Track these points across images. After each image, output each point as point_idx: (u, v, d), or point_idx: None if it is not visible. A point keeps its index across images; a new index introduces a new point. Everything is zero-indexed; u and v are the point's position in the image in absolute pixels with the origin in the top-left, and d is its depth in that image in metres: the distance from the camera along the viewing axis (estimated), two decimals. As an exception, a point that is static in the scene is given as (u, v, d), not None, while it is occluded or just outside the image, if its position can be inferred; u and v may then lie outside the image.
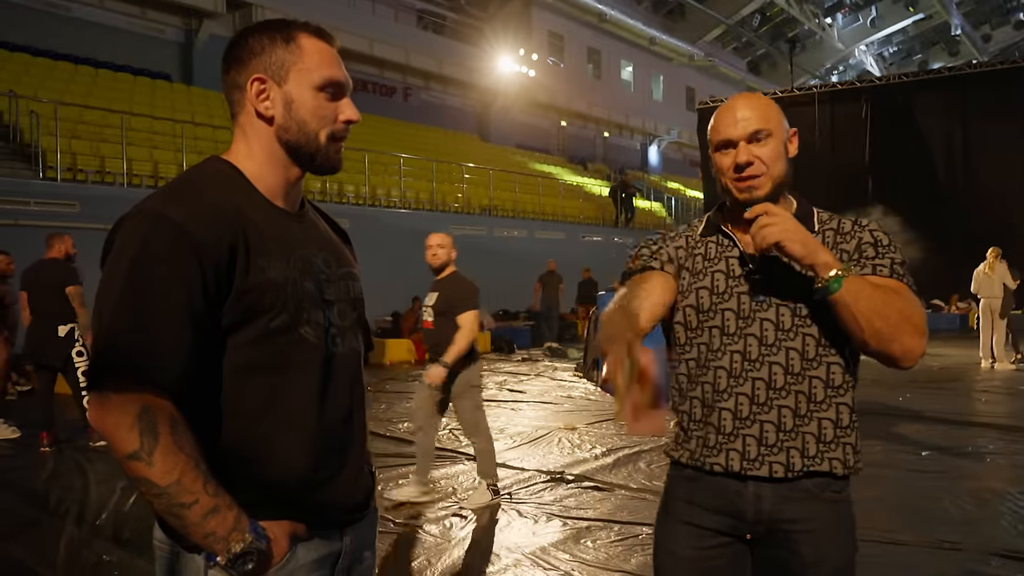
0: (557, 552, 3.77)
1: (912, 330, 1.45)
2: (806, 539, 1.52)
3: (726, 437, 1.55)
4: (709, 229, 1.67)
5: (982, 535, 3.92)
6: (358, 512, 1.38)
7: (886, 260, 1.53)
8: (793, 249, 1.42)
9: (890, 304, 1.44)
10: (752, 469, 1.53)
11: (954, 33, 34.38)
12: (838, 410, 1.54)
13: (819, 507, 1.53)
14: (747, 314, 1.56)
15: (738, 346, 1.55)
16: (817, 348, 1.53)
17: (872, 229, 1.58)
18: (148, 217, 1.18)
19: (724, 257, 1.62)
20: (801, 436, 1.52)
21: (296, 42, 1.31)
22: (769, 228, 1.43)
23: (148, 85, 15.98)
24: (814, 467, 1.52)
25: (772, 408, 1.53)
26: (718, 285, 1.59)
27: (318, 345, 1.29)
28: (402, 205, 15.71)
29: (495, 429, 6.72)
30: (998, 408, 7.72)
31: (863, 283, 1.44)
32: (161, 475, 1.13)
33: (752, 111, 1.54)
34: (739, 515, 1.55)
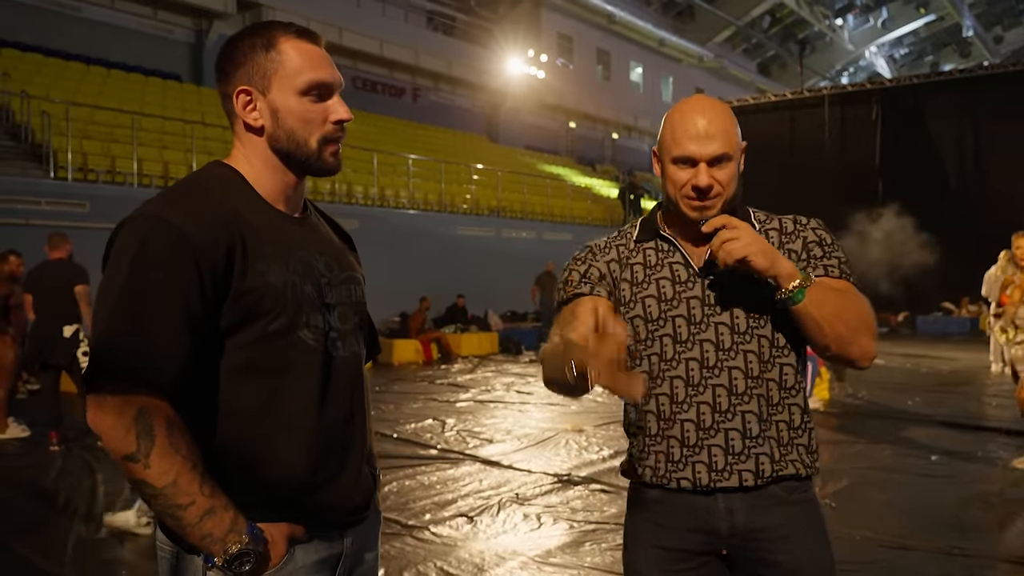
0: (562, 555, 3.76)
1: (868, 331, 1.47)
2: (782, 546, 1.49)
3: (690, 449, 1.50)
4: (646, 234, 1.61)
5: (991, 541, 3.89)
6: (359, 514, 1.37)
7: (833, 260, 1.52)
8: (758, 263, 1.39)
9: (849, 308, 1.45)
10: (721, 480, 1.48)
11: (965, 35, 34.20)
12: (791, 411, 1.52)
13: (790, 511, 1.51)
14: (699, 319, 1.52)
15: (693, 353, 1.51)
16: (771, 350, 1.51)
17: (815, 227, 1.57)
18: (147, 220, 1.19)
19: (667, 263, 1.57)
20: (767, 441, 1.50)
21: (276, 48, 1.30)
22: (733, 243, 1.39)
23: (159, 85, 16.07)
24: (781, 471, 1.50)
25: (736, 414, 1.49)
26: (665, 292, 1.54)
27: (317, 348, 1.29)
28: (411, 206, 15.73)
29: (502, 431, 6.74)
30: (1008, 412, 7.65)
31: (823, 289, 1.43)
32: (157, 477, 1.13)
33: (717, 129, 1.47)
34: (713, 531, 1.51)
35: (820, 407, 7.77)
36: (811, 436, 1.55)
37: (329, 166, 1.34)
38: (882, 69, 36.75)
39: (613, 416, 7.35)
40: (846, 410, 7.71)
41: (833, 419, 7.29)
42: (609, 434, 6.56)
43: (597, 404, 8.14)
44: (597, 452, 5.89)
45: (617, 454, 5.79)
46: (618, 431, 6.65)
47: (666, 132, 1.53)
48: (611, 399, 8.38)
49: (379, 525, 1.48)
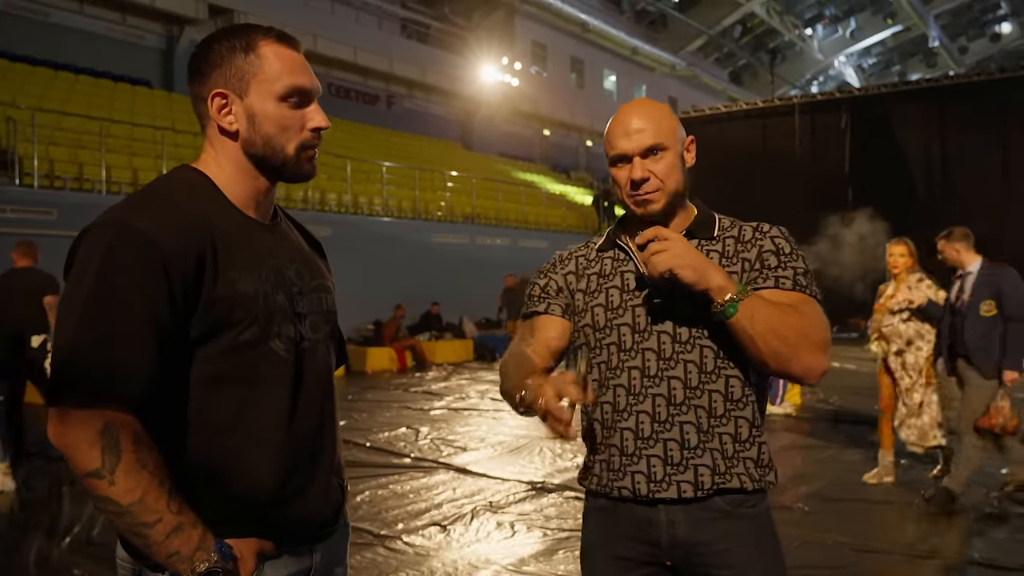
0: (536, 563, 3.75)
1: (811, 347, 1.42)
2: (726, 559, 1.47)
3: (629, 458, 1.50)
4: (607, 244, 1.63)
5: (959, 543, 3.95)
6: (328, 527, 1.35)
7: (788, 271, 1.49)
8: (684, 275, 1.38)
9: (787, 323, 1.40)
10: (659, 491, 1.47)
11: (931, 45, 34.87)
12: (737, 424, 1.49)
13: (735, 525, 1.48)
14: (643, 328, 1.51)
15: (636, 362, 1.51)
16: (716, 360, 1.49)
17: (774, 236, 1.53)
18: (113, 227, 1.15)
19: (619, 272, 1.58)
20: (708, 452, 1.47)
21: (256, 51, 1.27)
22: (660, 256, 1.39)
23: (128, 91, 15.85)
24: (724, 484, 1.47)
25: (674, 425, 1.48)
26: (612, 300, 1.55)
27: (288, 359, 1.26)
28: (384, 213, 15.65)
29: (476, 438, 6.72)
30: (975, 416, 7.78)
31: (759, 303, 1.40)
32: (123, 494, 1.10)
33: (647, 123, 1.49)
34: (654, 543, 1.50)
35: (792, 412, 7.85)
36: (760, 449, 1.52)
37: (306, 172, 1.32)
38: (851, 78, 37.33)
39: (587, 423, 7.36)
40: (817, 415, 7.79)
41: (805, 424, 7.36)
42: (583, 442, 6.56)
43: (572, 411, 8.15)
44: (571, 460, 5.89)
45: (591, 461, 5.79)
46: (592, 438, 6.66)
47: (605, 139, 1.57)
48: (585, 406, 8.40)
49: (348, 538, 1.46)
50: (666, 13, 30.72)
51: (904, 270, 5.16)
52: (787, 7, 31.86)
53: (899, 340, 5.12)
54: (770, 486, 1.52)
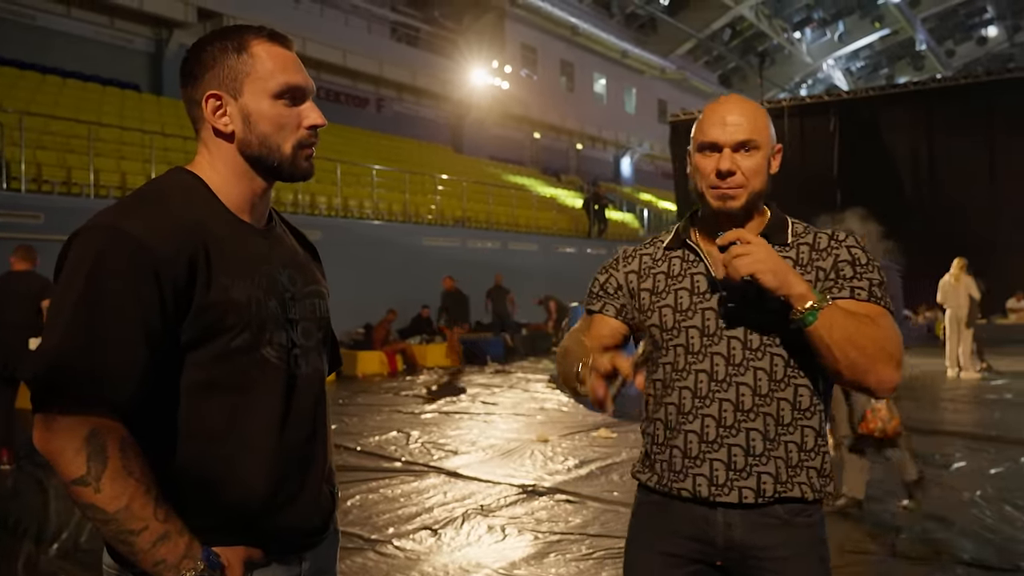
0: (527, 566, 3.74)
1: (887, 359, 1.41)
2: (779, 567, 1.47)
3: (692, 461, 1.50)
4: (676, 243, 1.61)
5: (948, 544, 3.96)
6: (318, 535, 1.34)
7: (864, 282, 1.47)
8: (766, 281, 1.37)
9: (866, 334, 1.39)
10: (721, 495, 1.47)
11: (919, 48, 35.11)
12: (803, 433, 1.49)
13: (792, 533, 1.48)
14: (713, 332, 1.50)
15: (704, 365, 1.50)
16: (786, 369, 1.48)
17: (850, 245, 1.51)
18: (103, 231, 1.14)
19: (689, 274, 1.56)
20: (772, 460, 1.47)
21: (248, 51, 1.26)
22: (741, 259, 1.38)
23: (117, 95, 15.79)
24: (785, 492, 1.47)
25: (740, 431, 1.47)
26: (682, 302, 1.54)
27: (280, 366, 1.25)
28: (375, 216, 15.63)
29: (467, 442, 6.71)
30: (964, 417, 7.84)
31: (838, 313, 1.39)
32: (109, 501, 1.09)
33: (744, 118, 1.48)
34: (709, 542, 1.51)
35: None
36: (824, 459, 1.51)
37: (304, 171, 1.31)
38: (839, 81, 37.54)
39: (578, 427, 7.37)
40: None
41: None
42: (574, 444, 6.56)
43: (563, 415, 8.16)
44: (562, 463, 5.89)
45: (582, 464, 5.79)
46: (583, 441, 6.67)
47: (695, 126, 1.54)
48: (576, 409, 8.39)
49: (337, 545, 1.45)
50: (655, 16, 30.82)
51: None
52: (776, 11, 32.03)
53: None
54: (828, 496, 1.52)
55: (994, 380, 10.26)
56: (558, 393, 9.73)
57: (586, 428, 7.23)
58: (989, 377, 10.56)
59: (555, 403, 8.94)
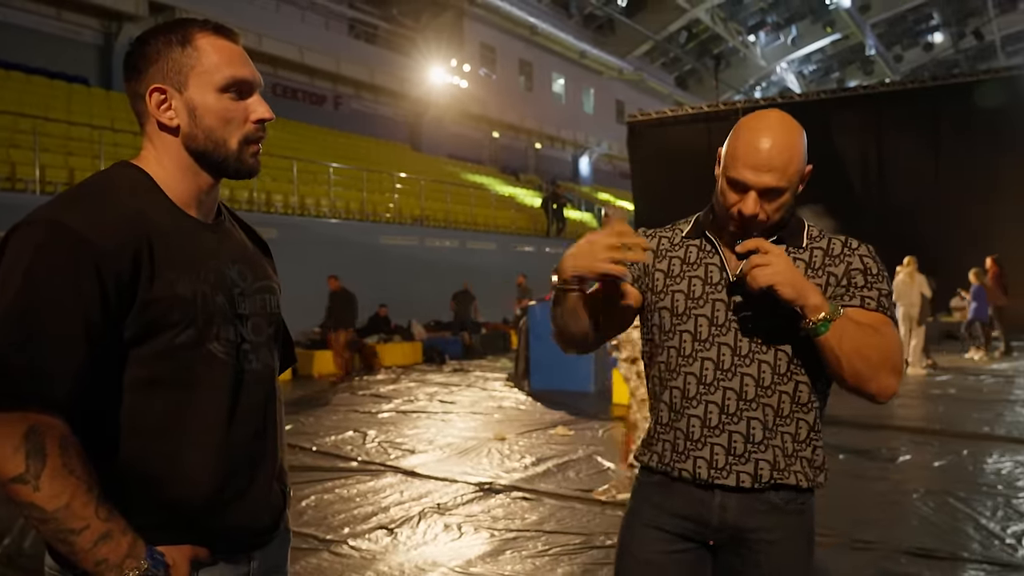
0: (483, 564, 3.75)
1: (890, 370, 1.47)
2: (767, 549, 1.54)
3: (694, 444, 1.55)
4: (695, 232, 1.65)
5: (893, 534, 4.08)
6: (267, 534, 1.33)
7: (874, 292, 1.52)
8: (784, 293, 1.41)
9: (872, 345, 1.45)
10: (719, 477, 1.53)
11: (868, 53, 35.95)
12: (798, 425, 1.55)
13: (782, 519, 1.55)
14: (721, 323, 1.55)
15: (710, 353, 1.55)
16: (789, 365, 1.53)
17: (863, 255, 1.56)
18: (43, 225, 1.11)
19: (704, 263, 1.60)
20: (770, 448, 1.53)
21: (193, 44, 1.24)
22: (762, 270, 1.41)
23: (64, 89, 15.37)
24: (781, 479, 1.53)
25: (741, 419, 1.53)
26: (694, 290, 1.59)
27: (228, 362, 1.24)
28: (332, 215, 15.48)
29: (425, 441, 6.69)
30: (910, 412, 8.06)
31: (849, 325, 1.44)
32: (48, 500, 1.07)
33: (778, 162, 1.46)
34: (703, 522, 1.57)
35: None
36: (816, 451, 1.57)
37: (249, 167, 1.29)
38: (792, 84, 38.26)
39: (535, 424, 7.39)
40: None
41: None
42: (531, 442, 6.59)
43: (520, 413, 8.18)
44: (519, 460, 5.91)
45: (539, 462, 5.82)
46: (540, 439, 6.69)
47: (730, 146, 1.52)
48: (533, 407, 8.42)
49: (288, 544, 1.44)
50: (614, 18, 31.06)
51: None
52: (731, 14, 32.51)
53: (632, 347, 4.77)
54: (820, 487, 1.57)
55: (939, 376, 10.57)
56: (516, 391, 9.75)
57: (543, 426, 7.26)
58: (934, 373, 10.87)
59: (513, 402, 8.96)
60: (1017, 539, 3.95)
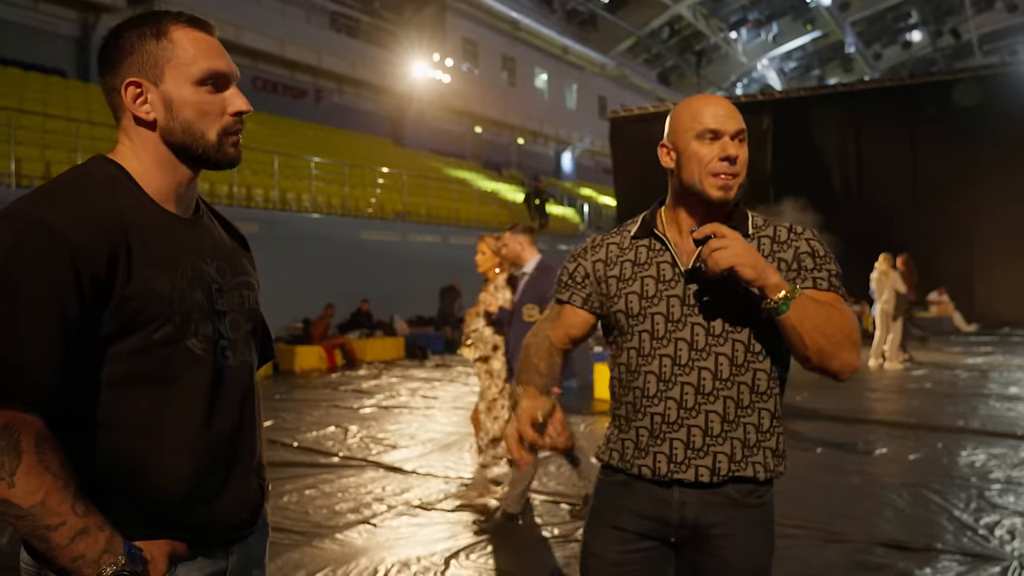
0: (464, 558, 3.76)
1: (851, 346, 1.49)
2: (727, 543, 1.56)
3: (654, 440, 1.57)
4: (642, 232, 1.67)
5: (869, 526, 4.14)
6: (245, 528, 1.33)
7: (823, 272, 1.55)
8: (745, 273, 1.43)
9: (832, 322, 1.47)
10: (678, 472, 1.55)
11: (848, 51, 36.26)
12: (760, 415, 1.57)
13: (740, 513, 1.57)
14: (678, 318, 1.57)
15: (667, 350, 1.56)
16: (746, 354, 1.55)
17: (808, 238, 1.59)
18: (20, 220, 1.10)
19: (655, 262, 1.62)
20: (729, 441, 1.55)
21: (168, 36, 1.24)
22: (722, 252, 1.43)
23: (40, 81, 15.15)
24: (739, 471, 1.54)
25: (701, 412, 1.55)
26: (648, 289, 1.60)
27: (206, 358, 1.24)
28: (313, 210, 15.39)
29: (406, 436, 6.68)
30: (887, 406, 8.17)
31: (808, 303, 1.46)
32: (24, 496, 1.07)
33: (734, 111, 1.57)
34: (664, 520, 1.58)
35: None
36: (779, 440, 1.60)
37: (230, 158, 1.29)
38: (773, 81, 38.51)
39: (518, 419, 7.40)
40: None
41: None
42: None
43: (502, 407, 8.18)
44: (501, 455, 5.92)
45: (521, 456, 5.83)
46: (523, 434, 6.70)
47: (683, 116, 1.58)
48: (516, 402, 8.44)
49: (267, 538, 1.44)
50: (596, 13, 31.10)
51: (491, 270, 4.65)
52: (713, 10, 32.65)
53: (484, 345, 4.62)
54: (779, 475, 1.60)
55: (916, 371, 10.71)
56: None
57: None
58: (911, 368, 11.01)
59: (495, 397, 8.96)
60: (989, 530, 4.03)
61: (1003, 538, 3.91)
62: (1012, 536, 3.93)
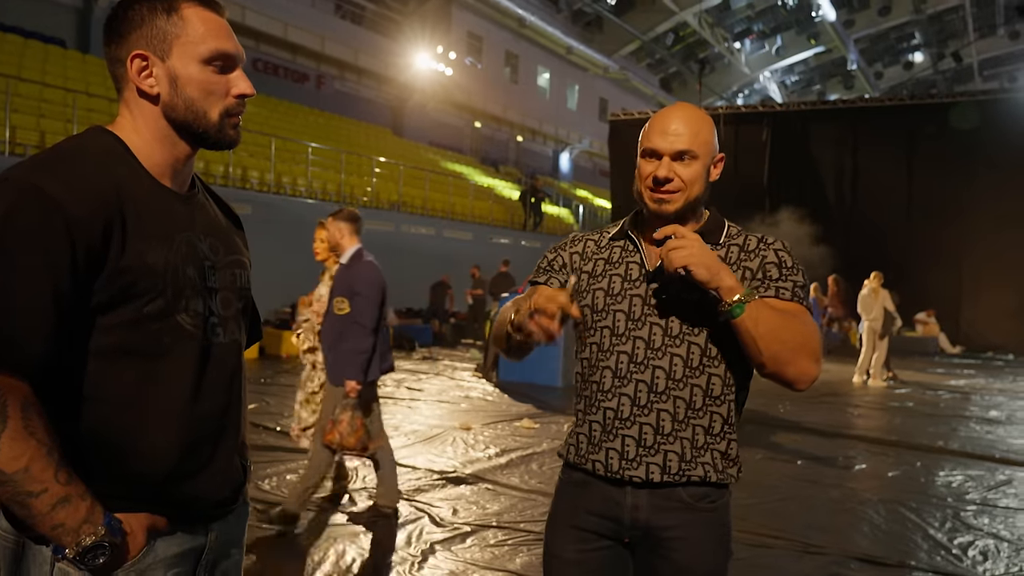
0: (443, 552, 3.77)
1: (808, 354, 1.51)
2: (678, 546, 1.57)
3: (606, 435, 1.59)
4: (619, 234, 1.71)
5: (844, 540, 4.17)
6: (226, 507, 1.33)
7: (788, 283, 1.57)
8: (699, 273, 1.45)
9: (789, 328, 1.49)
10: (630, 469, 1.56)
11: (850, 68, 36.41)
12: (711, 418, 1.58)
13: (693, 517, 1.57)
14: (638, 317, 1.59)
15: (626, 347, 1.59)
16: (701, 358, 1.57)
17: (777, 249, 1.61)
18: (16, 186, 1.10)
19: (625, 261, 1.66)
20: (679, 440, 1.56)
21: (179, 12, 1.23)
22: (677, 252, 1.46)
23: (39, 49, 15.04)
24: (689, 471, 1.56)
25: (652, 411, 1.56)
26: (614, 287, 1.63)
27: (195, 334, 1.24)
28: (308, 195, 15.35)
29: (390, 427, 6.66)
30: (869, 422, 8.22)
31: (764, 308, 1.48)
32: (7, 461, 1.06)
33: (686, 128, 1.56)
34: (617, 520, 1.60)
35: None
36: (730, 445, 1.61)
37: (230, 139, 1.29)
38: (774, 93, 38.62)
39: (501, 415, 7.42)
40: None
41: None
42: (496, 433, 6.61)
43: (487, 403, 8.20)
44: (483, 450, 5.93)
45: (503, 453, 5.84)
46: (505, 430, 6.72)
47: (642, 132, 1.63)
48: (500, 399, 8.44)
49: (247, 518, 1.44)
50: (602, 15, 31.10)
51: (329, 258, 4.48)
52: (718, 20, 32.72)
53: (313, 336, 4.49)
54: (732, 479, 1.60)
55: (899, 389, 10.78)
56: (483, 382, 9.77)
57: (509, 418, 7.29)
58: (894, 386, 11.08)
59: (480, 392, 8.98)
60: (963, 550, 4.06)
61: (975, 559, 3.94)
62: (985, 557, 3.97)
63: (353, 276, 4.05)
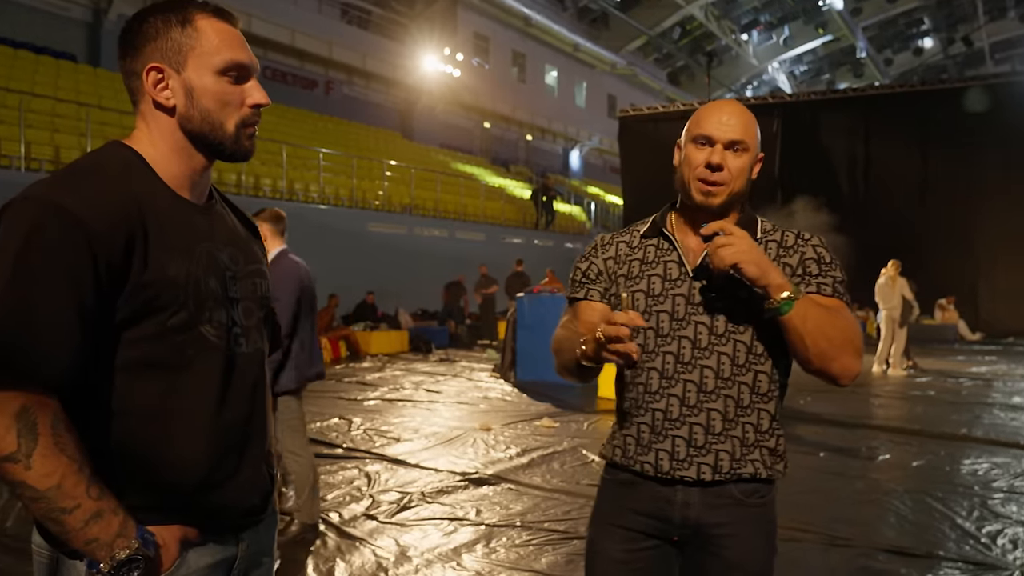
0: (467, 553, 3.77)
1: (852, 350, 1.50)
2: (729, 543, 1.57)
3: (656, 436, 1.59)
4: (651, 232, 1.69)
5: (871, 532, 4.13)
6: (255, 515, 1.34)
7: (828, 279, 1.57)
8: (749, 271, 1.44)
9: (835, 324, 1.48)
10: (681, 469, 1.56)
11: (859, 56, 36.14)
12: (759, 415, 1.58)
13: (743, 513, 1.57)
14: (682, 316, 1.59)
15: (671, 348, 1.58)
16: (748, 355, 1.56)
17: (815, 244, 1.61)
18: (38, 204, 1.10)
19: (662, 260, 1.64)
20: (729, 439, 1.56)
21: (193, 24, 1.24)
22: (727, 249, 1.44)
23: (52, 65, 15.18)
24: (739, 469, 1.56)
25: (702, 411, 1.56)
26: (654, 287, 1.62)
27: (219, 344, 1.24)
28: (321, 201, 15.41)
29: (410, 429, 6.69)
30: (891, 412, 8.15)
31: (811, 304, 1.47)
32: (40, 479, 1.07)
33: (738, 121, 1.57)
34: (667, 519, 1.59)
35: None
36: (778, 440, 1.61)
37: (245, 150, 1.30)
38: (783, 84, 38.39)
39: (521, 415, 7.42)
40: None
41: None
42: (516, 433, 6.61)
43: (506, 403, 8.20)
44: (504, 451, 5.93)
45: (524, 452, 5.84)
46: (525, 430, 6.71)
47: (693, 118, 1.62)
48: (519, 399, 8.43)
49: (276, 526, 1.45)
50: (608, 12, 31.03)
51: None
52: (725, 12, 32.57)
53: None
54: (780, 475, 1.61)
55: (919, 378, 10.69)
56: (501, 382, 9.77)
57: (529, 417, 7.29)
58: (915, 374, 10.99)
59: (498, 392, 8.98)
60: (991, 539, 4.01)
61: (1005, 547, 3.90)
62: (1015, 545, 3.92)
63: (275, 280, 4.00)
